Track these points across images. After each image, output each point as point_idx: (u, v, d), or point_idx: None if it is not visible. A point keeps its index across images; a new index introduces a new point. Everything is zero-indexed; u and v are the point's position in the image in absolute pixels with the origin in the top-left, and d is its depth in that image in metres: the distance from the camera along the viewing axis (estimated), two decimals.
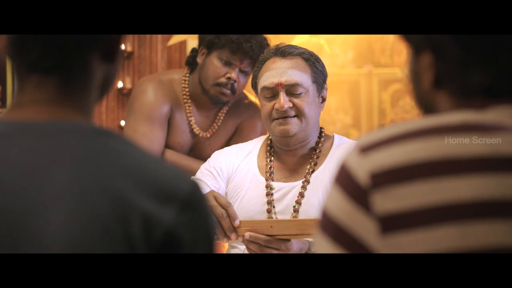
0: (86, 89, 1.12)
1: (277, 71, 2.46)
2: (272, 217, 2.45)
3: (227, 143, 3.18)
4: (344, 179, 1.04)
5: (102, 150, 1.07)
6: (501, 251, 0.99)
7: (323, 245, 1.05)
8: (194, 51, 3.14)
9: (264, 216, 2.45)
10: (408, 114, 4.53)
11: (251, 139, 3.19)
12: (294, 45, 2.53)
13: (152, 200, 1.04)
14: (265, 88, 2.47)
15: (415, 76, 1.12)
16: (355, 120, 4.61)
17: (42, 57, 1.09)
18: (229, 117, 3.19)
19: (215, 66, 3.01)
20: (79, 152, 1.06)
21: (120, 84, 4.07)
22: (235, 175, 2.53)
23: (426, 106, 1.12)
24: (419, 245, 0.99)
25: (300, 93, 2.44)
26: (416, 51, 1.11)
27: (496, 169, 1.00)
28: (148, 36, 4.08)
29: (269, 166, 2.51)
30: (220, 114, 3.18)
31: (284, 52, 2.49)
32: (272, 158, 2.53)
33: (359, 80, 4.63)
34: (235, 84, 3.01)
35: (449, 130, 1.03)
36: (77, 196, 1.03)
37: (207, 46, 3.04)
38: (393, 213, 1.00)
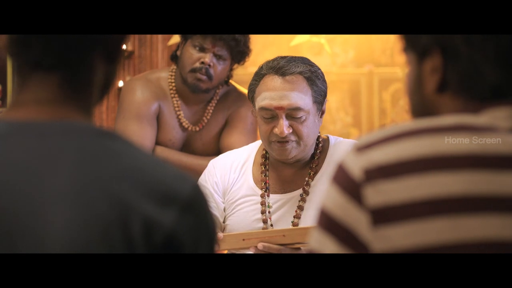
0: (88, 89, 1.12)
1: (277, 93, 2.38)
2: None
3: (218, 136, 3.21)
4: (340, 176, 1.07)
5: (103, 151, 1.07)
6: (490, 245, 1.02)
7: (318, 238, 1.07)
8: (177, 46, 3.20)
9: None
10: (409, 113, 4.53)
11: (242, 129, 3.18)
12: (293, 60, 2.41)
13: (152, 202, 1.04)
14: (263, 109, 2.39)
15: (416, 81, 1.13)
16: (355, 119, 4.61)
17: (44, 56, 1.09)
18: (219, 109, 3.22)
19: (189, 53, 3.07)
20: (80, 153, 1.06)
21: (120, 84, 4.07)
22: (231, 187, 2.50)
23: (426, 111, 1.13)
24: (409, 238, 1.02)
25: (301, 117, 2.38)
26: (422, 54, 1.12)
27: (486, 166, 1.03)
28: (148, 35, 4.08)
29: (264, 181, 2.48)
30: (209, 107, 3.21)
31: (284, 72, 2.38)
32: (267, 172, 2.49)
33: (360, 79, 4.63)
34: (210, 69, 3.04)
35: (442, 130, 1.05)
36: (77, 197, 1.03)
37: (183, 37, 3.12)
38: (384, 206, 1.03)
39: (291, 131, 2.38)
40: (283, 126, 2.36)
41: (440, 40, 1.10)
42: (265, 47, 4.56)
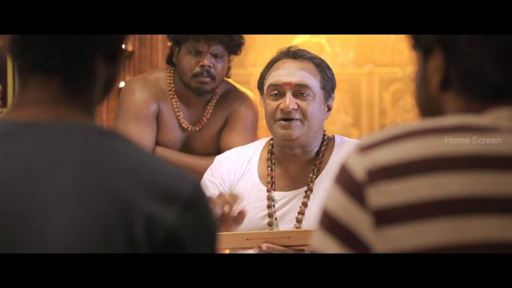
0: (89, 90, 1.12)
1: (287, 71, 2.46)
2: (273, 229, 2.45)
3: (218, 135, 3.22)
4: (343, 176, 1.07)
5: (105, 150, 1.07)
6: (493, 246, 1.01)
7: (320, 239, 1.07)
8: (172, 49, 3.21)
9: (265, 228, 2.46)
10: (409, 113, 4.53)
11: (241, 129, 3.21)
12: (306, 50, 2.52)
13: (154, 201, 1.04)
14: (272, 85, 2.46)
15: (422, 78, 1.13)
16: (355, 119, 4.61)
17: (46, 57, 1.09)
18: (218, 109, 3.23)
19: (187, 59, 3.09)
20: (82, 152, 1.06)
21: (121, 84, 4.07)
22: (236, 183, 2.53)
23: (431, 109, 1.13)
24: (412, 239, 1.02)
25: (307, 96, 2.43)
26: (426, 52, 1.12)
27: (489, 167, 1.02)
28: (148, 35, 4.08)
29: (271, 176, 2.50)
30: (208, 107, 3.22)
31: (295, 54, 2.48)
32: (274, 166, 2.52)
33: (360, 79, 4.63)
34: (212, 70, 3.07)
35: (445, 130, 1.05)
36: (79, 196, 1.03)
37: (176, 44, 3.14)
38: (387, 207, 1.03)
39: (296, 107, 2.42)
40: (288, 100, 2.41)
41: (442, 38, 1.10)
42: (265, 47, 4.55)
